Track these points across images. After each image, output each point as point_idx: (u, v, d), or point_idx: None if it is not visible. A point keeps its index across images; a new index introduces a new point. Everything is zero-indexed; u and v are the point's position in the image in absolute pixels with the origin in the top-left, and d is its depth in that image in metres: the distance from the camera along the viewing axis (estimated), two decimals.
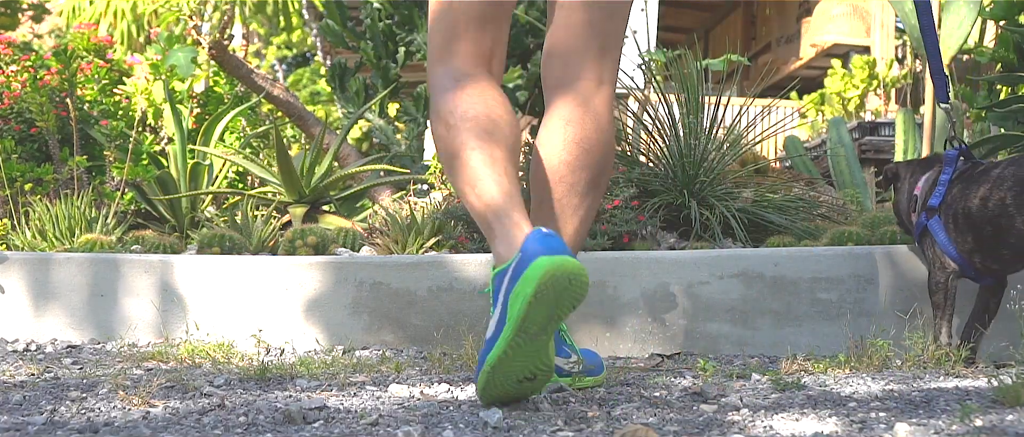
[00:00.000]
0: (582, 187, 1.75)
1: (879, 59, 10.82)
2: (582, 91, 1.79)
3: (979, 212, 2.02)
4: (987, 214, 2.01)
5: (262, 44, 17.33)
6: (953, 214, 2.09)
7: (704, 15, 14.67)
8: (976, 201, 2.03)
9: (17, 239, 3.49)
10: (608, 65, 1.82)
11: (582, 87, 1.79)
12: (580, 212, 1.76)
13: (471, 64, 1.81)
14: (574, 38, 1.80)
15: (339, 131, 5.10)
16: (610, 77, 1.83)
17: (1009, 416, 1.42)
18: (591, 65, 1.80)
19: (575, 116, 1.76)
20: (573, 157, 1.74)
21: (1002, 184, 2.00)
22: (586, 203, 1.77)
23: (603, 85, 1.81)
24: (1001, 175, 2.01)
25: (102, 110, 4.44)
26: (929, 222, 2.14)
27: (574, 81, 1.79)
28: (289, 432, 1.45)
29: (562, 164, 1.75)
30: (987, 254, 2.05)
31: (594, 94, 1.79)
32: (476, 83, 1.76)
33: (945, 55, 3.63)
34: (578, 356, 1.84)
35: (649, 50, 4.18)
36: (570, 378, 1.82)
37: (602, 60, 1.81)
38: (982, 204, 2.02)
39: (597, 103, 1.79)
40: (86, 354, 2.51)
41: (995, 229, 2.00)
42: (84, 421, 1.51)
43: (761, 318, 2.41)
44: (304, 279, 2.63)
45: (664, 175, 3.12)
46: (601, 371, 1.93)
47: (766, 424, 1.44)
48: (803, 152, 4.76)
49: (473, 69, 1.80)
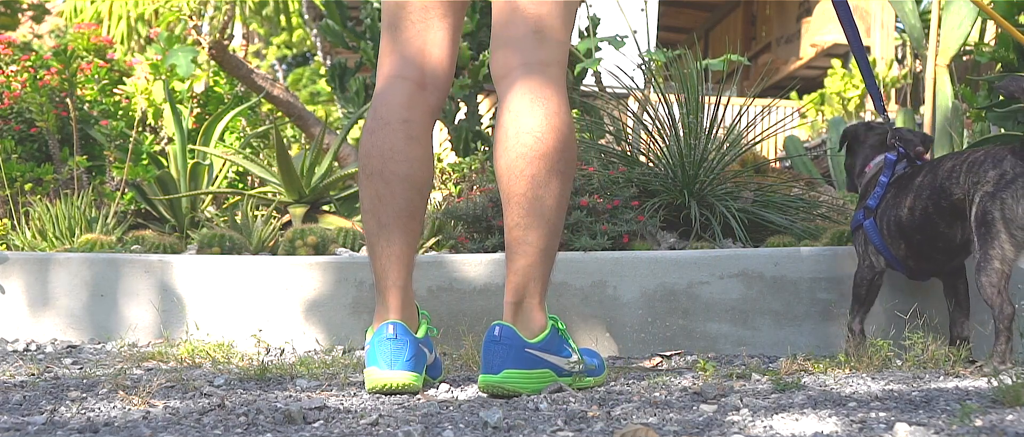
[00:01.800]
0: (543, 177, 1.72)
1: (879, 59, 10.82)
2: (526, 79, 1.76)
3: (908, 221, 2.10)
4: (915, 223, 2.09)
5: (262, 44, 17.33)
6: (887, 221, 2.15)
7: (704, 15, 14.67)
8: (905, 210, 2.11)
9: (17, 239, 3.49)
10: (549, 49, 1.78)
11: (525, 75, 1.76)
12: (548, 201, 1.73)
13: (398, 76, 1.89)
14: (506, 26, 1.79)
15: (339, 131, 5.10)
16: (555, 58, 1.79)
17: (1009, 416, 1.42)
18: (530, 52, 1.77)
19: (522, 106, 1.74)
20: (527, 147, 1.72)
21: (921, 193, 2.07)
22: (553, 192, 1.74)
23: (548, 67, 1.77)
24: (920, 184, 2.08)
25: (102, 110, 4.44)
26: (866, 222, 2.19)
27: (515, 70, 1.78)
28: (289, 432, 1.45)
29: (519, 157, 1.73)
30: (920, 258, 2.14)
31: (539, 80, 1.76)
32: (384, 124, 1.86)
33: (945, 55, 3.63)
34: (578, 356, 1.84)
35: (649, 50, 4.18)
36: (570, 378, 1.82)
37: (541, 45, 1.77)
38: (910, 214, 2.09)
39: (544, 89, 1.75)
40: (86, 354, 2.51)
41: (924, 236, 2.08)
42: (84, 421, 1.51)
43: (761, 318, 2.42)
44: (304, 279, 2.63)
45: (664, 175, 3.12)
46: (602, 371, 1.93)
47: (766, 424, 1.44)
48: (803, 152, 4.76)
49: (396, 90, 1.88)
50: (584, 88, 5.38)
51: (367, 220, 1.87)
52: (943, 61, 3.61)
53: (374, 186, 1.85)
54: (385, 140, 1.85)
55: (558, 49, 1.80)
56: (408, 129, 1.87)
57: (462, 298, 2.51)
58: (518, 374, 1.71)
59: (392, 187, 1.84)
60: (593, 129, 3.92)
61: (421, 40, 1.89)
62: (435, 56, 1.91)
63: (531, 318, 1.75)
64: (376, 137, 1.86)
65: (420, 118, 1.88)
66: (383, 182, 1.84)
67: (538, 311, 1.76)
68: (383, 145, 1.85)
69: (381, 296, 1.87)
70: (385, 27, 1.92)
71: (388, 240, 1.85)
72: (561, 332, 1.81)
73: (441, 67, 1.92)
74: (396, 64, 1.90)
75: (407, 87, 1.88)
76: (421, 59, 1.90)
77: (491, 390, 1.73)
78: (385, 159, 1.84)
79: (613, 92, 4.35)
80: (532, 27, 1.77)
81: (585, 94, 5.26)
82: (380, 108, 1.88)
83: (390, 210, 1.84)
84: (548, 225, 1.74)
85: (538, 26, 1.77)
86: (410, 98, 1.88)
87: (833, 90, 10.39)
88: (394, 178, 1.84)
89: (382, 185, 1.84)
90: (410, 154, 1.86)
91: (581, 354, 1.85)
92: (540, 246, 1.74)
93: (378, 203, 1.85)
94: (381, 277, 1.86)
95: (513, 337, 1.73)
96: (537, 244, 1.73)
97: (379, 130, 1.87)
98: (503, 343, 1.72)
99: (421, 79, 1.89)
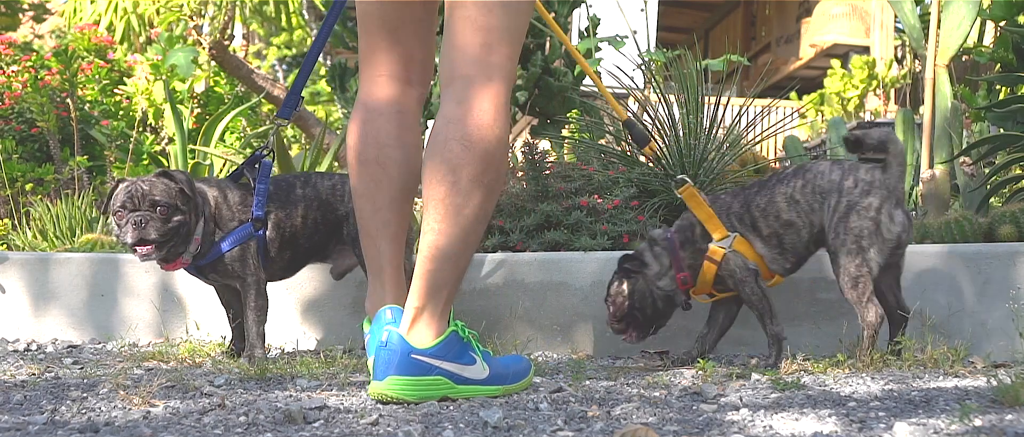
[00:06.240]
0: (465, 185, 1.72)
1: (878, 59, 10.83)
2: (467, 89, 1.76)
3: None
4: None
5: (262, 44, 17.32)
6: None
7: (704, 15, 14.68)
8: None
9: (18, 239, 3.49)
10: (496, 61, 1.78)
11: (467, 86, 1.77)
12: (466, 211, 1.72)
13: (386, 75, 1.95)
14: (455, 35, 1.80)
15: (339, 131, 5.10)
16: (500, 74, 1.78)
17: (1008, 416, 1.42)
18: (475, 63, 1.77)
19: (457, 114, 1.75)
20: (454, 155, 1.72)
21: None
22: (474, 203, 1.73)
23: (491, 82, 1.77)
24: None
25: (103, 110, 4.45)
26: None
27: (458, 80, 1.78)
28: (289, 432, 1.45)
29: (444, 162, 1.73)
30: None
31: (480, 91, 1.76)
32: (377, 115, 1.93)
33: (944, 55, 3.63)
34: (483, 363, 1.79)
35: (649, 50, 4.18)
36: (471, 386, 1.76)
37: (488, 57, 1.78)
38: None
39: (483, 101, 1.75)
40: (87, 354, 2.51)
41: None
42: (85, 421, 1.51)
43: None
44: (304, 279, 2.64)
45: (664, 175, 3.12)
46: (519, 379, 1.86)
47: (766, 424, 1.45)
48: (803, 152, 4.75)
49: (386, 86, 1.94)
50: (584, 88, 5.37)
51: (361, 205, 1.94)
52: (942, 61, 3.61)
53: (370, 172, 1.92)
54: (380, 129, 1.93)
55: (507, 64, 1.80)
56: (401, 118, 1.95)
57: (461, 298, 2.51)
58: (403, 381, 1.69)
59: (389, 172, 1.92)
60: (593, 129, 3.93)
61: (398, 44, 1.95)
62: (416, 58, 1.97)
63: (428, 324, 1.73)
64: (369, 127, 1.93)
65: (411, 109, 1.97)
66: (379, 167, 1.92)
67: (437, 317, 1.73)
68: (378, 134, 1.92)
69: (377, 278, 1.93)
70: (362, 32, 1.97)
71: (385, 222, 1.92)
72: (466, 338, 1.79)
73: (423, 65, 1.99)
74: (378, 65, 1.96)
75: (394, 83, 1.96)
76: (403, 61, 1.96)
77: (377, 397, 1.71)
78: (381, 146, 1.92)
79: (613, 92, 4.35)
80: (482, 40, 1.77)
81: (585, 94, 5.26)
82: (370, 101, 1.95)
83: (387, 194, 1.92)
84: (462, 234, 1.73)
85: (486, 40, 1.78)
86: (399, 91, 1.96)
87: (832, 90, 10.39)
88: (391, 163, 1.92)
89: (379, 171, 1.92)
90: (405, 140, 1.94)
91: (496, 362, 1.81)
92: (450, 253, 1.73)
93: (374, 188, 1.92)
94: (374, 259, 1.93)
95: (400, 343, 1.71)
96: (447, 250, 1.72)
97: (372, 120, 1.93)
98: (388, 349, 1.71)
99: (406, 76, 1.97)
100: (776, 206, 2.15)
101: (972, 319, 2.27)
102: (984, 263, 2.29)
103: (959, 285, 2.29)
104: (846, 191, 2.07)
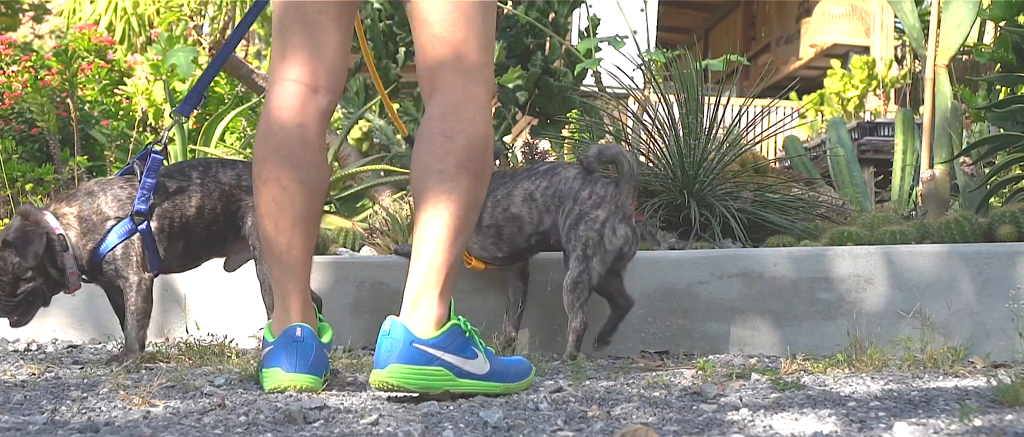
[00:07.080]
0: (452, 171, 1.73)
1: (878, 59, 10.82)
2: (448, 98, 1.78)
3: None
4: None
5: (262, 44, 17.33)
6: None
7: (704, 15, 14.68)
8: None
9: None
10: (471, 67, 1.79)
11: (447, 95, 1.79)
12: (454, 195, 1.73)
13: (293, 79, 1.89)
14: (426, 55, 1.80)
15: (339, 131, 5.10)
16: (477, 78, 1.80)
17: (1008, 416, 1.42)
18: (451, 74, 1.79)
19: (438, 115, 1.77)
20: (437, 146, 1.74)
21: None
22: (461, 187, 1.74)
23: (469, 88, 1.79)
24: None
25: (103, 110, 4.45)
26: None
27: (437, 91, 1.79)
28: (289, 432, 1.45)
29: (429, 154, 1.75)
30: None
31: (461, 99, 1.78)
32: (279, 129, 1.88)
33: (944, 55, 3.63)
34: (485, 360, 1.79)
35: (649, 50, 4.18)
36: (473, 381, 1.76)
37: (463, 66, 1.79)
38: None
39: (465, 106, 1.77)
40: (87, 354, 2.51)
41: None
42: (85, 420, 1.52)
43: (761, 318, 2.42)
44: None
45: (664, 175, 3.12)
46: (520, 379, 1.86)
47: (766, 424, 1.45)
48: (803, 152, 4.76)
49: (291, 95, 1.88)
50: (584, 88, 5.38)
51: (265, 225, 1.89)
52: (942, 61, 3.62)
53: (271, 192, 1.87)
54: (280, 145, 1.87)
55: (480, 69, 1.81)
56: (302, 133, 1.88)
57: (461, 298, 2.50)
58: (405, 369, 1.69)
59: (289, 192, 1.86)
60: (593, 129, 3.93)
61: (312, 43, 1.90)
62: (327, 59, 1.91)
63: (428, 314, 1.73)
64: (270, 142, 1.88)
65: (313, 122, 1.90)
66: (280, 188, 1.86)
67: (437, 307, 1.73)
68: (278, 151, 1.87)
69: (282, 301, 1.89)
70: (277, 30, 1.93)
71: (288, 245, 1.87)
72: (468, 333, 1.78)
73: (333, 70, 1.93)
74: (287, 68, 1.90)
75: (299, 90, 1.89)
76: (313, 63, 1.90)
77: (379, 385, 1.71)
78: (281, 164, 1.86)
79: (613, 92, 4.35)
80: (452, 54, 1.78)
81: (585, 94, 5.27)
82: (272, 112, 1.89)
83: (288, 216, 1.87)
84: (454, 221, 1.74)
85: (457, 52, 1.78)
86: (302, 102, 1.89)
87: (832, 90, 10.39)
88: (291, 184, 1.86)
89: (279, 191, 1.86)
90: (305, 158, 1.88)
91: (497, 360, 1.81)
92: (444, 241, 1.73)
93: (276, 209, 1.87)
94: (281, 282, 1.89)
95: (403, 332, 1.71)
96: (441, 239, 1.73)
97: (272, 135, 1.88)
98: (391, 337, 1.71)
99: (313, 82, 1.90)
100: (511, 199, 2.33)
101: (972, 319, 2.27)
102: (984, 263, 2.29)
103: (959, 285, 2.29)
104: (581, 201, 2.28)
